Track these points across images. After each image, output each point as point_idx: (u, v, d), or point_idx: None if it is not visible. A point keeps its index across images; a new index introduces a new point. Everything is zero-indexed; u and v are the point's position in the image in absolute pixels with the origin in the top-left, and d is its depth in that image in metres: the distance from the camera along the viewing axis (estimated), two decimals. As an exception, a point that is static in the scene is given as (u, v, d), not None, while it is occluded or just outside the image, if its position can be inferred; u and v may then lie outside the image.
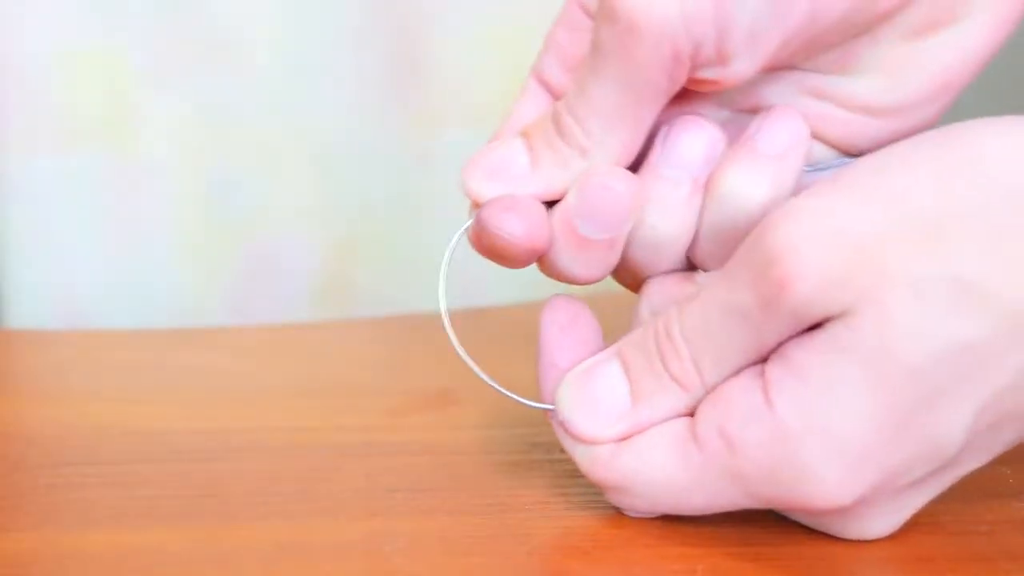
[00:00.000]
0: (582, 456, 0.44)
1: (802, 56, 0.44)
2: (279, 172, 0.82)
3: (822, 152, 0.46)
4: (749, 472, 0.41)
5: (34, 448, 0.51)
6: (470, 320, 0.63)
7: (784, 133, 0.44)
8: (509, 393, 0.45)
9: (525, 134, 0.45)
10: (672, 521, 0.44)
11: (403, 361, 0.60)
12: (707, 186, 0.44)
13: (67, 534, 0.44)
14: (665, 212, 0.44)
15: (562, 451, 0.48)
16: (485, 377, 0.45)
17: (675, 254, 0.45)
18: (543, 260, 0.44)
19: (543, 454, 0.49)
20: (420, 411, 0.54)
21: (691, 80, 0.43)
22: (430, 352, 0.60)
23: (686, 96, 0.45)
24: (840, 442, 0.39)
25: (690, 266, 0.45)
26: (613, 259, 0.44)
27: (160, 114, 0.80)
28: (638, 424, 0.43)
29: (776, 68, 0.45)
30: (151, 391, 0.57)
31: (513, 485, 0.47)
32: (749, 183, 0.43)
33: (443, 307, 0.45)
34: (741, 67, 0.43)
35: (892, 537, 0.43)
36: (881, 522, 0.42)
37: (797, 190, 0.43)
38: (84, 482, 0.48)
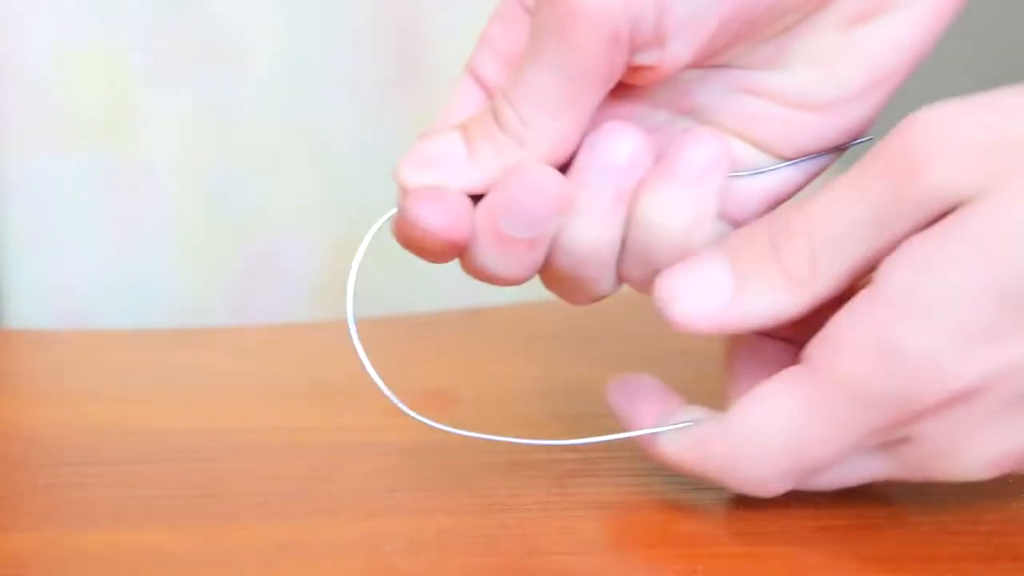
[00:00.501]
0: (677, 449, 0.43)
1: (737, 51, 0.44)
2: (279, 172, 0.82)
3: (757, 158, 0.45)
4: (857, 372, 0.40)
5: (34, 448, 0.51)
6: (470, 320, 0.63)
7: (702, 155, 0.43)
8: (407, 409, 0.44)
9: (462, 126, 0.44)
10: (672, 521, 0.44)
11: (403, 361, 0.60)
12: (630, 206, 0.43)
13: (67, 534, 0.44)
14: (589, 220, 0.43)
15: (562, 451, 0.48)
16: (383, 386, 0.44)
17: (601, 264, 0.44)
18: (464, 256, 0.43)
19: (543, 454, 0.49)
20: (420, 411, 0.54)
21: (629, 69, 0.43)
22: (430, 352, 0.60)
23: (623, 94, 0.44)
24: (948, 323, 0.39)
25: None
26: (535, 260, 0.43)
27: (160, 114, 0.80)
28: (737, 318, 0.42)
29: (711, 65, 0.44)
30: (151, 391, 0.57)
31: (513, 485, 0.47)
32: (669, 207, 0.43)
33: (349, 307, 0.44)
34: (678, 50, 0.42)
35: (892, 538, 0.43)
36: (982, 448, 0.41)
37: (723, 205, 0.43)
38: (84, 482, 0.48)
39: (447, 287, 0.81)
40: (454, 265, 0.44)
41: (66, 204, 0.80)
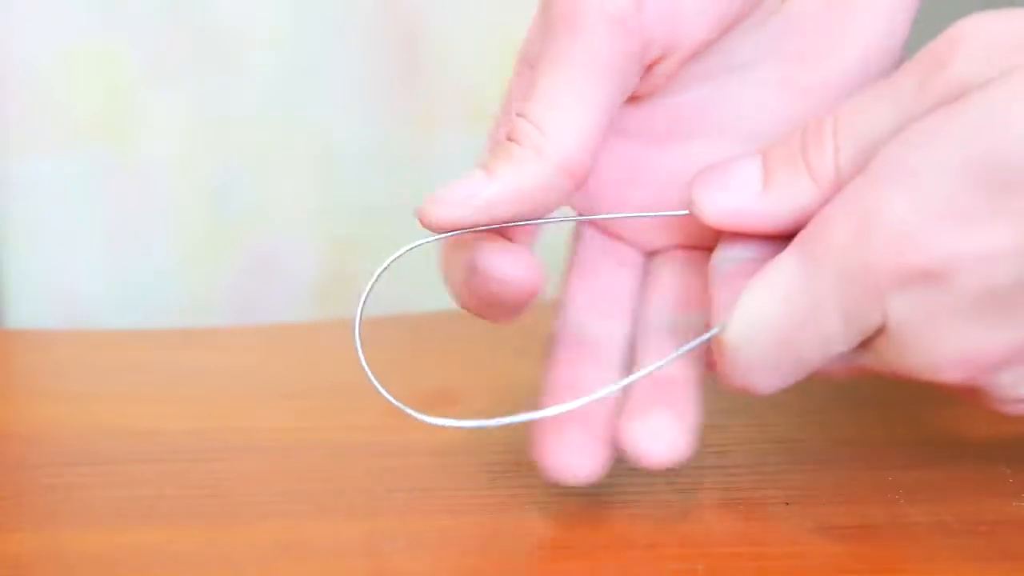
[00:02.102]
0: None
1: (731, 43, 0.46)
2: (279, 172, 0.82)
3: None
4: (837, 242, 0.40)
5: (34, 448, 0.51)
6: (470, 320, 0.63)
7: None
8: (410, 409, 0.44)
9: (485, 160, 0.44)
10: (672, 521, 0.44)
11: (403, 361, 0.60)
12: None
13: (67, 534, 0.44)
14: None
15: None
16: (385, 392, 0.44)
17: None
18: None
19: (543, 454, 0.49)
20: (420, 411, 0.54)
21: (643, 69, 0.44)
22: (430, 352, 0.60)
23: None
24: (923, 196, 0.39)
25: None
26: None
27: (160, 114, 0.80)
28: (762, 212, 0.42)
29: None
30: (151, 391, 0.57)
31: (513, 485, 0.47)
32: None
33: (357, 319, 0.44)
34: (691, 30, 0.44)
35: (892, 537, 0.43)
36: (946, 344, 0.41)
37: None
38: (84, 482, 0.48)
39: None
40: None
41: (66, 204, 0.80)
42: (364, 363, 0.42)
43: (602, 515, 0.45)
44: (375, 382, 0.42)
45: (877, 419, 0.48)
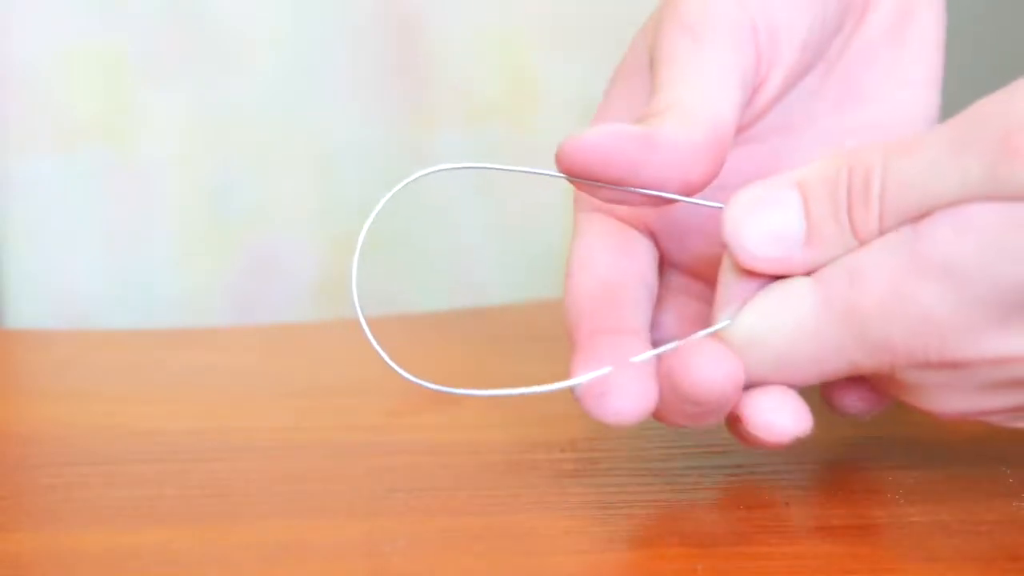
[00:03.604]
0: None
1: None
2: (279, 172, 0.82)
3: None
4: (863, 307, 0.39)
5: (34, 448, 0.51)
6: (470, 320, 0.63)
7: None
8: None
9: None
10: (672, 521, 0.44)
11: (403, 361, 0.60)
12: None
13: (67, 534, 0.44)
14: None
15: (562, 451, 0.48)
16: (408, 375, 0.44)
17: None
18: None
19: (543, 454, 0.49)
20: (420, 411, 0.54)
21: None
22: (430, 352, 0.60)
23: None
24: (972, 299, 0.38)
25: None
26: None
27: (160, 114, 0.80)
28: (802, 262, 0.41)
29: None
30: (151, 391, 0.57)
31: (513, 485, 0.47)
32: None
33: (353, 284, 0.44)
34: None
35: (892, 537, 0.43)
36: (956, 403, 0.41)
37: None
38: (84, 482, 0.48)
39: (447, 287, 0.81)
40: (453, 265, 0.44)
41: (66, 204, 0.80)
42: (365, 326, 0.42)
43: (602, 515, 0.45)
44: (380, 351, 0.42)
45: (877, 419, 0.48)
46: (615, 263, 0.46)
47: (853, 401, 0.44)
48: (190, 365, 0.60)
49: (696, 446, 0.48)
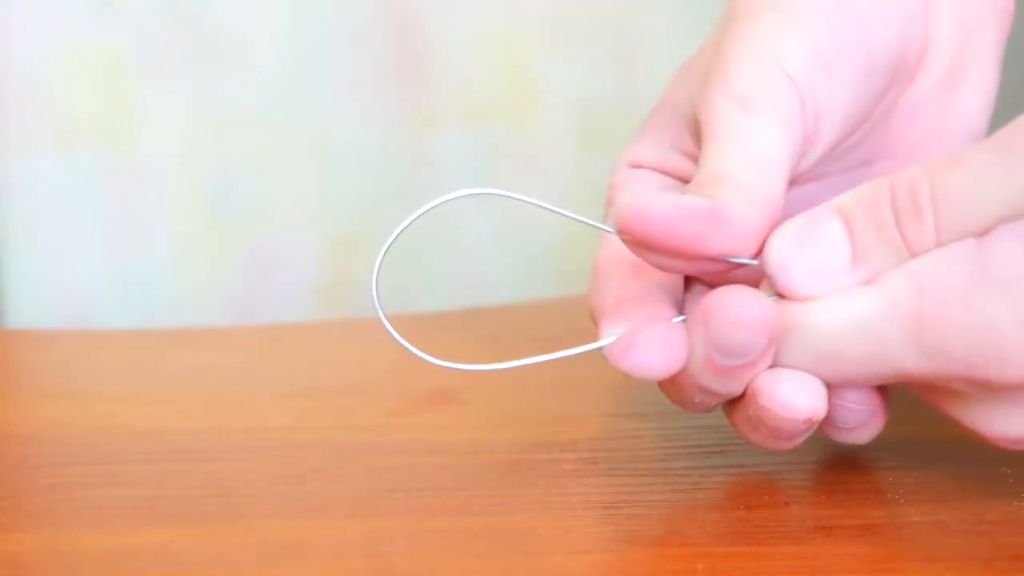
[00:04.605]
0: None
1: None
2: (279, 172, 0.82)
3: None
4: (926, 317, 0.39)
5: (34, 448, 0.51)
6: (470, 320, 0.63)
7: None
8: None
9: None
10: (672, 521, 0.44)
11: (403, 361, 0.60)
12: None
13: (67, 534, 0.44)
14: None
15: (562, 451, 0.48)
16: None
17: None
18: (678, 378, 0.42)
19: (543, 454, 0.49)
20: (420, 411, 0.54)
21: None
22: (430, 351, 0.60)
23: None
24: None
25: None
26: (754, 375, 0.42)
27: (160, 114, 0.80)
28: (852, 283, 0.41)
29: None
30: (151, 391, 0.57)
31: (513, 485, 0.47)
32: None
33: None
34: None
35: (892, 538, 0.43)
36: (1003, 426, 0.41)
37: None
38: (84, 482, 0.48)
39: (448, 287, 0.81)
40: (453, 265, 0.44)
41: (66, 204, 0.80)
42: (380, 311, 0.42)
43: (602, 515, 0.45)
44: (391, 330, 0.42)
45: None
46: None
47: (852, 401, 0.44)
48: (190, 365, 0.60)
49: (696, 446, 0.48)
